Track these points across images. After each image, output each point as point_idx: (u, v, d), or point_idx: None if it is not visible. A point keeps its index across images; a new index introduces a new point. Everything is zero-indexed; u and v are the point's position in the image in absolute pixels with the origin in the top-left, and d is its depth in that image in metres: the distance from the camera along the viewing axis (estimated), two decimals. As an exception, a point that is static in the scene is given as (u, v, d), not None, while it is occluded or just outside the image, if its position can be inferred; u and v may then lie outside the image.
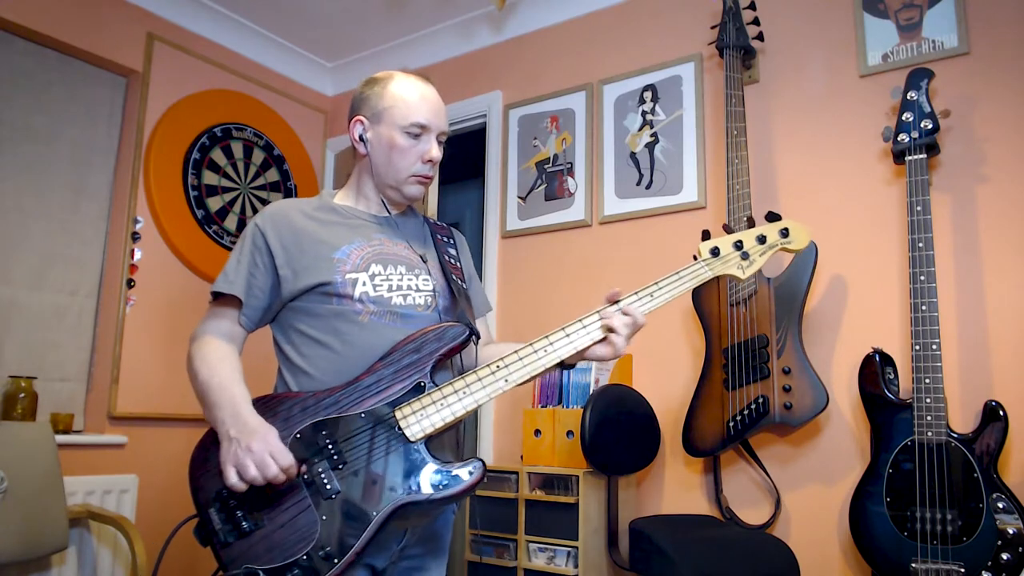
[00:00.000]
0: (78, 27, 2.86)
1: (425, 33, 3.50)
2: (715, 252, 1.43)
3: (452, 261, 1.55)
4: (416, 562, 1.41)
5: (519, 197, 3.16)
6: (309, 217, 1.45)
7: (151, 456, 2.91)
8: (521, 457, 2.59)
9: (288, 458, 1.23)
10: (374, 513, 1.22)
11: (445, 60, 3.51)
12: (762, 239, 1.45)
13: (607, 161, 2.93)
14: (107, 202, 3.00)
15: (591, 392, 2.44)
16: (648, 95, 2.88)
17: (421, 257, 1.47)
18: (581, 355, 1.37)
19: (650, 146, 2.84)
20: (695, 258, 1.44)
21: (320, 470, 1.25)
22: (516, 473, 2.46)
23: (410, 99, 1.45)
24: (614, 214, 2.88)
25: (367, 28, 3.49)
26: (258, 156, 3.49)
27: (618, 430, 2.38)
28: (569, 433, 2.47)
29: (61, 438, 2.52)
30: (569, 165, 3.03)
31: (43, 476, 2.32)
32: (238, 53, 3.48)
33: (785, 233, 1.45)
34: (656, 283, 1.40)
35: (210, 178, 3.27)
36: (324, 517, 1.23)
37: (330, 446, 1.27)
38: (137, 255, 2.96)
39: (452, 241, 1.61)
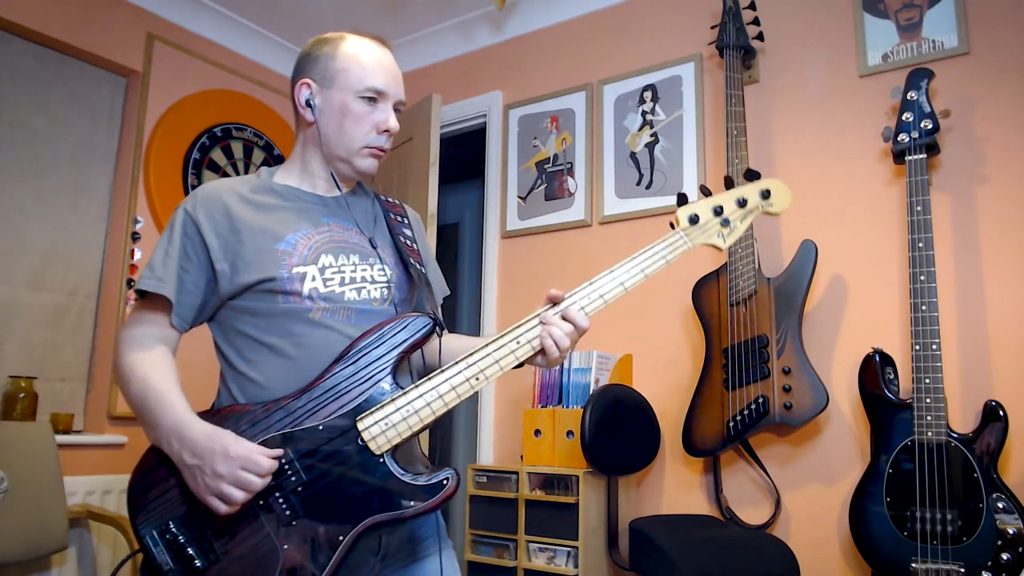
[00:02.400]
0: (78, 27, 2.86)
1: (425, 33, 3.50)
2: (694, 219, 1.29)
3: (408, 243, 1.38)
4: (401, 564, 1.25)
5: (519, 197, 3.17)
6: (247, 201, 1.27)
7: (151, 456, 2.90)
8: (521, 457, 2.59)
9: (264, 462, 1.09)
10: (340, 538, 1.10)
11: (445, 60, 3.51)
12: (743, 202, 1.32)
13: (607, 161, 2.93)
14: (107, 202, 3.00)
15: (591, 392, 2.44)
16: (648, 95, 2.88)
17: (370, 241, 1.31)
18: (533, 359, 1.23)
19: (650, 146, 2.84)
20: (672, 226, 1.30)
21: (277, 493, 1.11)
22: (516, 473, 2.46)
23: (366, 62, 1.30)
24: (614, 214, 2.88)
25: (367, 28, 3.43)
26: (258, 156, 3.49)
27: (618, 430, 2.38)
28: (569, 433, 2.47)
29: (61, 438, 2.52)
30: (569, 165, 3.03)
31: (43, 476, 2.32)
32: (238, 53, 3.48)
33: (766, 194, 1.33)
34: (614, 270, 1.25)
35: (210, 178, 3.27)
36: (285, 546, 1.10)
37: (286, 465, 1.12)
38: (137, 255, 2.96)
39: (406, 220, 1.44)
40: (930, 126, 2.08)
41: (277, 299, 1.21)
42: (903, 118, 2.13)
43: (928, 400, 1.94)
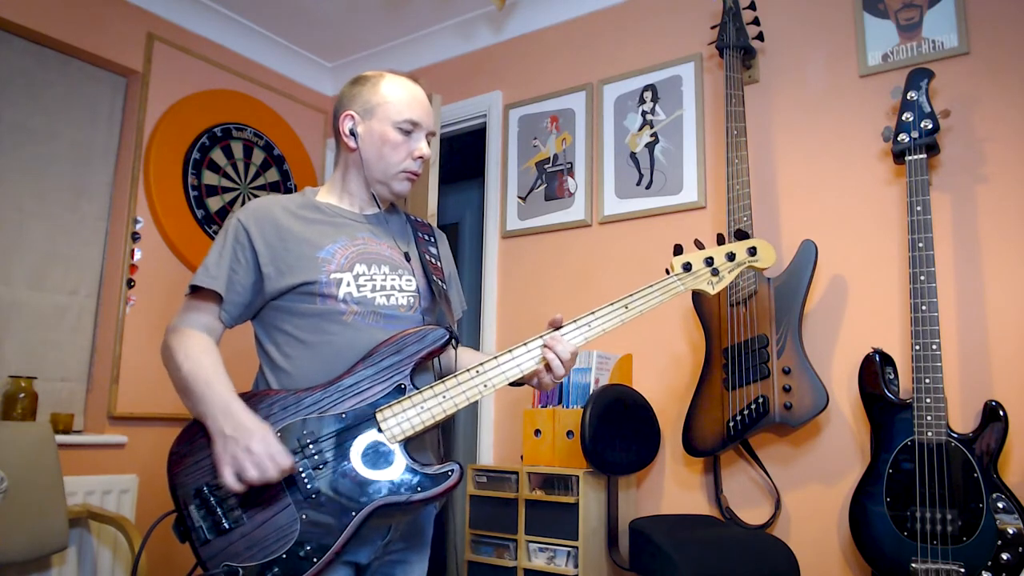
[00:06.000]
0: (78, 27, 2.86)
1: (425, 33, 3.50)
2: (687, 267, 1.48)
3: (433, 260, 1.55)
4: (399, 556, 1.42)
5: (519, 197, 3.16)
6: (293, 215, 1.44)
7: (151, 456, 2.91)
8: (521, 457, 2.59)
9: (288, 460, 1.23)
10: (353, 514, 1.24)
11: (445, 60, 3.51)
12: (731, 256, 1.51)
13: (607, 161, 2.93)
14: (107, 202, 3.00)
15: (591, 392, 2.44)
16: (648, 95, 2.88)
17: (405, 255, 1.47)
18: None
19: (650, 146, 2.84)
20: (667, 272, 1.48)
21: (300, 469, 1.26)
22: (516, 473, 2.46)
23: (403, 97, 1.47)
24: (614, 214, 2.88)
25: (367, 28, 3.49)
26: (258, 156, 3.49)
27: (618, 430, 2.38)
28: (569, 433, 2.47)
29: (61, 438, 2.52)
30: (569, 165, 3.03)
31: (43, 476, 2.32)
32: (238, 53, 3.48)
33: (753, 251, 1.53)
34: (613, 304, 1.41)
35: (210, 178, 3.27)
36: (304, 516, 1.24)
37: (311, 445, 1.27)
38: (137, 255, 2.96)
39: (433, 239, 1.61)
40: (930, 126, 2.08)
41: (315, 300, 1.37)
42: (903, 118, 2.12)
43: (928, 400, 1.94)
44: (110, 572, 2.63)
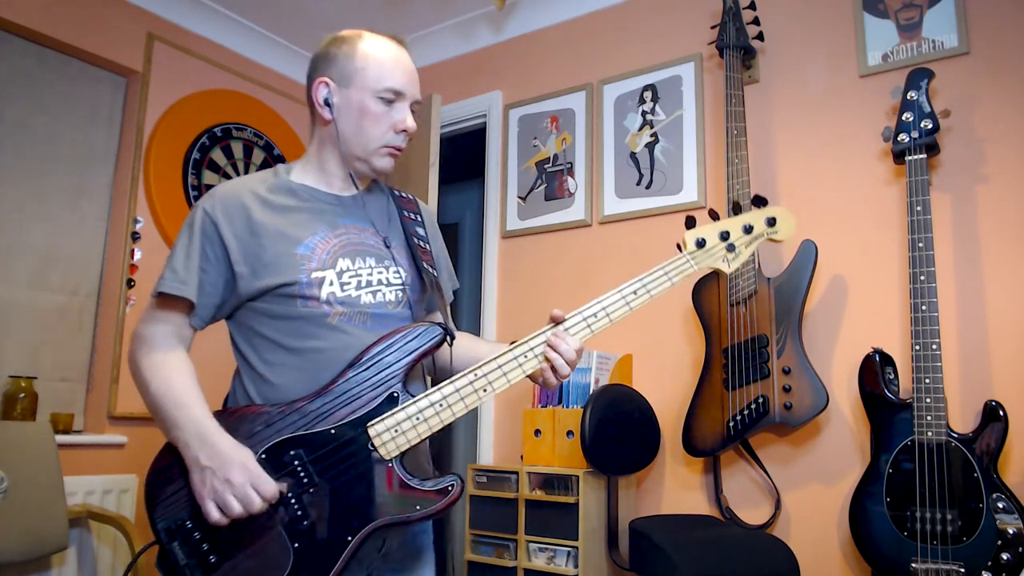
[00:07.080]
0: (78, 27, 2.86)
1: (425, 33, 3.50)
2: (701, 243, 1.32)
3: (421, 243, 1.40)
4: (398, 565, 1.31)
5: (519, 197, 3.16)
6: (265, 203, 1.28)
7: (151, 456, 2.88)
8: (521, 457, 2.59)
9: (272, 487, 1.12)
10: (348, 538, 1.13)
11: (445, 60, 3.51)
12: (748, 229, 1.34)
13: (607, 161, 2.93)
14: (107, 202, 3.00)
15: (591, 392, 2.44)
16: (648, 95, 2.88)
17: (384, 241, 1.33)
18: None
19: (650, 146, 2.84)
20: (680, 248, 1.34)
21: (289, 493, 1.15)
22: (516, 473, 2.46)
23: (384, 61, 1.30)
24: (614, 214, 2.88)
25: (367, 28, 3.49)
26: (258, 156, 3.49)
27: (618, 430, 2.38)
28: (569, 433, 2.47)
29: (61, 438, 2.52)
30: (569, 165, 3.03)
31: (43, 476, 2.32)
32: (238, 53, 3.48)
33: (772, 222, 1.35)
34: (622, 289, 1.30)
35: (210, 178, 3.27)
36: (296, 544, 1.13)
37: (299, 466, 1.15)
38: (137, 255, 2.96)
39: (419, 218, 1.46)
40: (930, 126, 2.08)
41: (296, 303, 1.23)
42: (903, 118, 2.12)
43: (928, 400, 1.94)
44: (110, 572, 2.63)
